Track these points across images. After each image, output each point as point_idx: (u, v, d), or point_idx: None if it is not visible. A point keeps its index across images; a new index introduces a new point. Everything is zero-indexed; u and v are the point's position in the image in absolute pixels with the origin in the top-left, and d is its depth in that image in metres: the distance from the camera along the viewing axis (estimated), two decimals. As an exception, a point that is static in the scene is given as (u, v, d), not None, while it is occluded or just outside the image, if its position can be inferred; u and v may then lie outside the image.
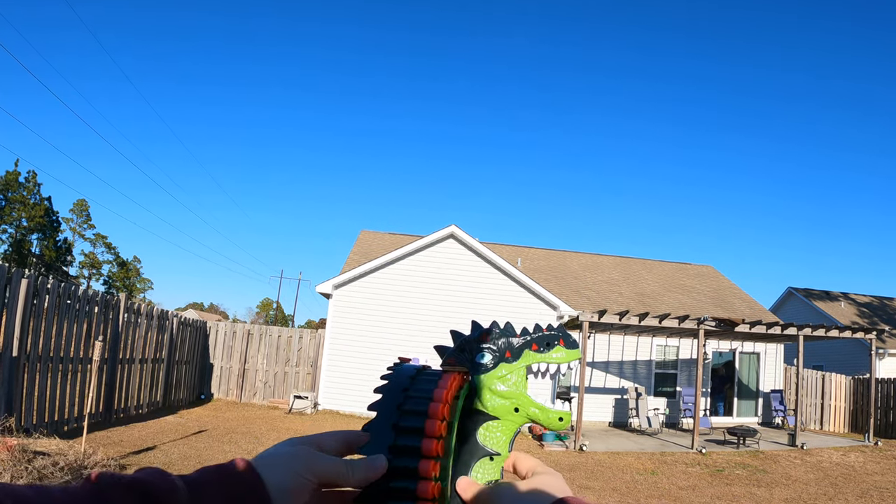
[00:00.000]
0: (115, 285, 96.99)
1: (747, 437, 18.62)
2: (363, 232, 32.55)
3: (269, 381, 21.92)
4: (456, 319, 21.61)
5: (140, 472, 0.72)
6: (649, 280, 31.38)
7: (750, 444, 18.67)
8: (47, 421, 11.75)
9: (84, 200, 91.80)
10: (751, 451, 17.94)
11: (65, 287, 12.54)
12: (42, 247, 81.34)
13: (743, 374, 26.82)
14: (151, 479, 0.70)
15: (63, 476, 8.01)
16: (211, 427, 15.38)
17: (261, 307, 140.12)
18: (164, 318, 17.78)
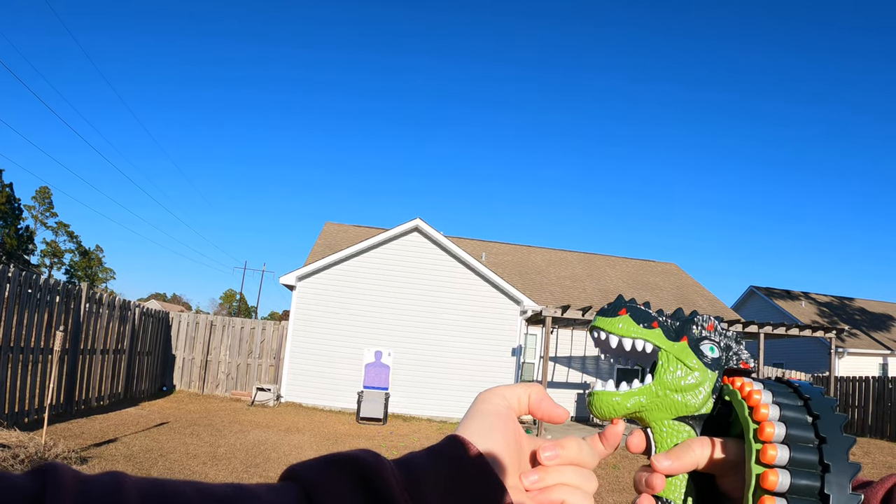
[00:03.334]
0: (77, 275, 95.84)
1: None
2: (328, 224, 32.51)
3: (232, 373, 21.87)
4: (420, 312, 21.71)
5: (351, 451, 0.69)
6: (613, 276, 31.69)
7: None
8: (7, 412, 11.66)
9: (47, 188, 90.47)
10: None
11: (26, 276, 12.44)
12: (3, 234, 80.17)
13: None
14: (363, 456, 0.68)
15: (23, 469, 8.00)
16: (173, 419, 15.35)
17: (224, 298, 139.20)
18: (126, 308, 17.66)
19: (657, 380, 0.93)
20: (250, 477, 10.19)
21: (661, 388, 0.92)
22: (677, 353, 0.95)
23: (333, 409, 20.83)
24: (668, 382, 0.93)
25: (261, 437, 14.15)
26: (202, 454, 11.51)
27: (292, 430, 15.80)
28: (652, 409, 0.93)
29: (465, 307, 21.90)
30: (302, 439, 14.49)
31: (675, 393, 0.92)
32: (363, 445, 14.53)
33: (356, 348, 21.42)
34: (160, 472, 9.70)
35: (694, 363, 0.94)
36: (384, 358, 21.24)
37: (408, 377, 21.22)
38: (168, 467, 10.10)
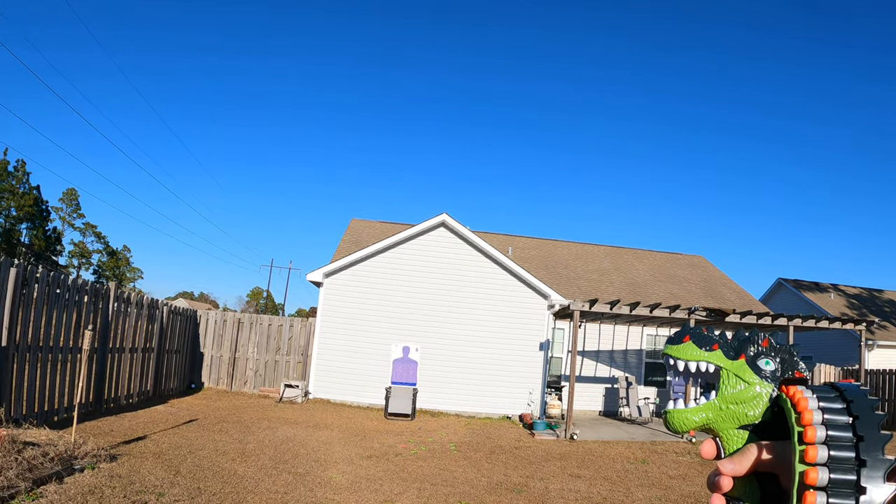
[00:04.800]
0: (105, 274, 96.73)
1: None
2: (354, 220, 32.49)
3: (260, 370, 21.92)
4: (447, 307, 21.64)
5: None
6: (640, 270, 31.42)
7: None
8: (37, 411, 11.73)
9: (74, 189, 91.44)
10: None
11: (54, 276, 12.50)
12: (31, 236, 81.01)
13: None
14: None
15: (53, 466, 8.01)
16: (202, 416, 15.39)
17: (251, 296, 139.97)
18: (154, 307, 17.74)
19: (719, 395, 1.09)
20: (279, 473, 10.17)
21: (724, 402, 1.08)
22: (735, 370, 1.11)
23: (361, 405, 20.81)
24: (729, 396, 1.08)
25: (289, 433, 14.15)
26: (231, 451, 11.51)
27: (321, 426, 15.79)
28: (718, 420, 1.08)
29: (493, 302, 21.78)
30: (330, 435, 14.47)
31: (735, 405, 1.08)
32: (391, 441, 14.50)
33: (384, 344, 21.39)
34: (189, 468, 9.70)
35: (750, 377, 1.09)
36: (412, 353, 21.21)
37: (435, 372, 21.15)
38: (197, 464, 10.10)
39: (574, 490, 11.05)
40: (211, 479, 9.27)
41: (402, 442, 14.57)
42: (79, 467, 8.43)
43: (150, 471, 9.20)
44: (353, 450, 12.96)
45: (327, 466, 11.11)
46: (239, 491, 8.91)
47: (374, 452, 12.90)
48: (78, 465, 8.46)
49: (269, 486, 9.32)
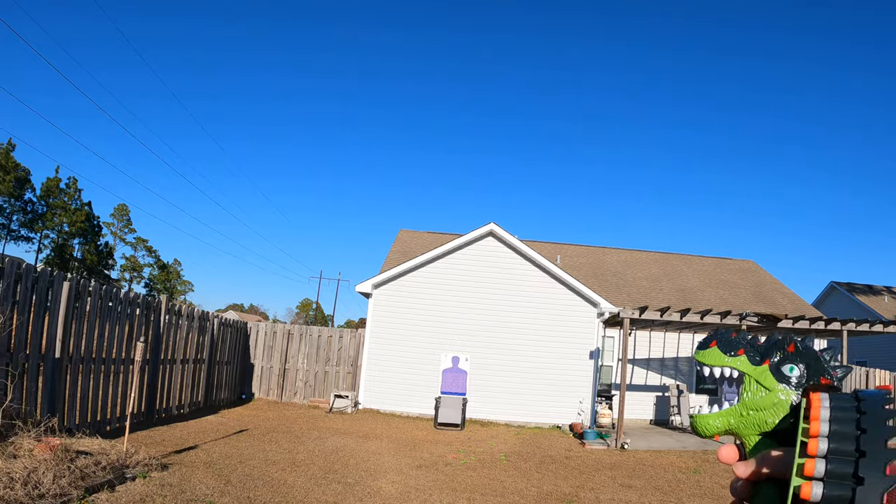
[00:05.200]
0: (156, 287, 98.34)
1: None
2: (402, 231, 32.58)
3: (310, 381, 22.00)
4: (496, 317, 21.54)
5: None
6: (690, 276, 31.01)
7: (795, 442, 18.35)
8: (90, 421, 11.87)
9: (125, 205, 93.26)
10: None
11: (106, 289, 12.66)
12: (84, 251, 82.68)
13: (786, 371, 26.31)
14: None
15: (105, 475, 8.07)
16: (252, 426, 15.47)
17: (300, 307, 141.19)
18: (204, 319, 17.90)
19: (741, 401, 1.14)
20: (329, 483, 10.15)
21: (744, 409, 1.13)
22: (757, 376, 1.14)
23: (411, 415, 20.78)
24: (749, 402, 1.12)
25: (339, 443, 14.15)
26: (281, 461, 11.53)
27: (370, 436, 15.78)
28: (740, 426, 1.12)
29: (542, 310, 21.63)
30: (380, 445, 14.45)
31: (756, 412, 1.11)
32: (441, 451, 14.43)
33: (433, 354, 21.35)
34: (240, 478, 9.72)
35: (772, 384, 1.12)
36: (461, 363, 21.14)
37: (485, 382, 21.04)
38: (247, 473, 10.12)
39: (625, 500, 10.87)
40: (261, 489, 9.28)
41: (452, 452, 14.49)
42: (130, 476, 8.49)
43: (200, 480, 9.24)
44: (402, 460, 12.91)
45: (377, 476, 11.07)
46: (289, 501, 8.90)
47: (424, 462, 12.84)
48: (130, 474, 8.52)
49: (318, 496, 9.30)
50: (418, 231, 33.09)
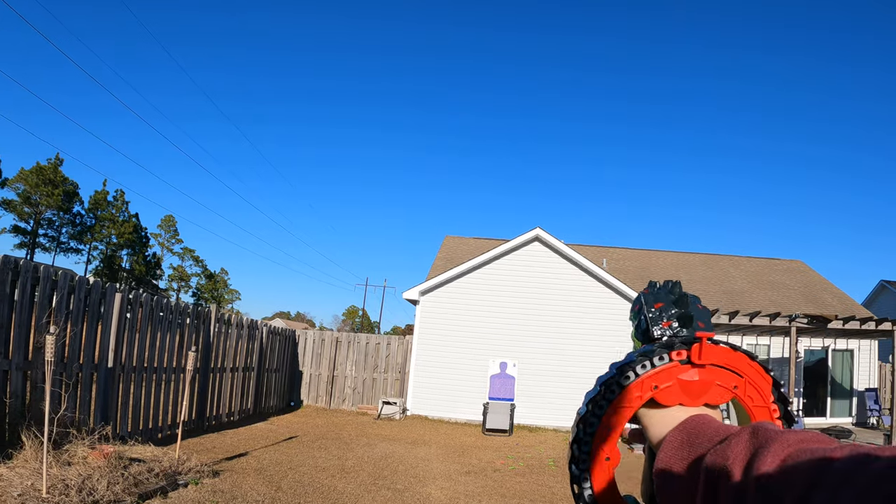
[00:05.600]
0: (204, 297, 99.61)
1: (842, 439, 17.94)
2: (447, 237, 32.64)
3: (358, 388, 22.09)
4: (543, 322, 21.44)
5: None
6: (737, 277, 30.61)
7: (845, 446, 17.99)
8: (142, 429, 12.03)
9: (171, 216, 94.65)
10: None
11: (157, 300, 12.84)
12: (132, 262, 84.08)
13: (836, 373, 25.79)
14: None
15: (158, 482, 8.17)
16: (301, 433, 15.56)
17: (346, 314, 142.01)
18: (253, 327, 18.07)
19: None
20: (378, 489, 10.17)
21: None
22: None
23: (459, 420, 20.76)
24: None
25: (388, 449, 14.17)
26: (331, 467, 11.57)
27: (419, 442, 15.78)
28: None
29: (589, 315, 21.48)
30: (429, 451, 14.44)
31: None
32: (490, 457, 14.39)
33: (480, 360, 21.32)
34: (290, 484, 9.78)
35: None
36: (509, 369, 21.08)
37: (532, 387, 20.95)
38: (298, 480, 10.18)
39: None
40: (311, 495, 9.32)
41: (500, 457, 14.44)
42: (182, 483, 8.58)
43: (251, 486, 9.31)
44: (451, 465, 12.90)
45: (426, 482, 11.06)
46: (338, 506, 8.94)
47: (473, 468, 12.81)
48: (182, 481, 8.62)
49: (368, 502, 9.32)
50: (464, 237, 33.13)
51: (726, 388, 1.03)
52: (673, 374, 1.02)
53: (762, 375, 1.05)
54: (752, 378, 1.04)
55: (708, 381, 1.02)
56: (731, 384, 1.03)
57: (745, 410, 1.06)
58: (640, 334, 1.12)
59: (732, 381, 1.03)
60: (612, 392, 1.05)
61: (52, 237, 75.69)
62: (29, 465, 7.39)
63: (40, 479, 6.90)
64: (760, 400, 1.05)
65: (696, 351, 1.01)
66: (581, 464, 1.07)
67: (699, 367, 1.02)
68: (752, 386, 1.04)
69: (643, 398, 1.03)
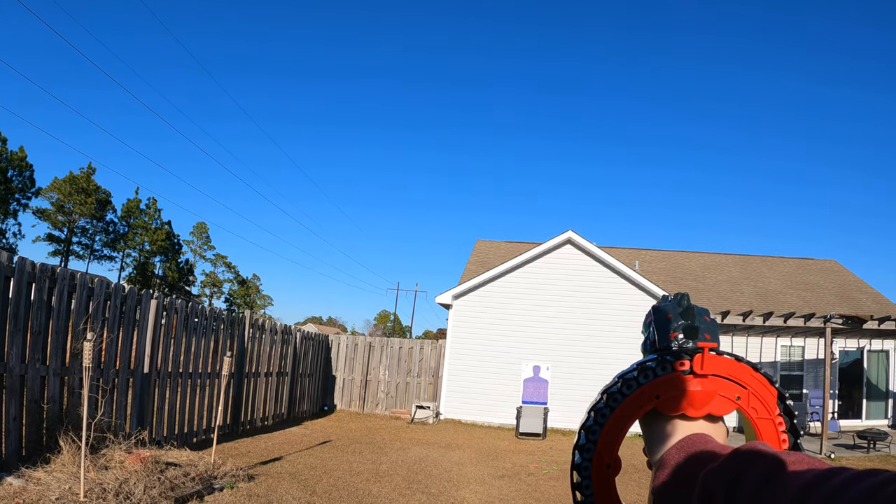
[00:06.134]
0: (236, 302, 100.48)
1: (878, 441, 17.65)
2: (479, 241, 32.63)
3: (391, 392, 22.13)
4: (575, 325, 21.35)
5: None
6: (771, 278, 30.26)
7: (881, 449, 17.68)
8: (177, 433, 12.14)
9: (203, 223, 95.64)
10: (881, 456, 17.03)
11: (191, 306, 12.95)
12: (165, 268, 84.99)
13: (872, 374, 25.38)
14: None
15: (194, 486, 8.24)
16: (335, 437, 15.61)
17: (378, 319, 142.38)
18: (287, 332, 18.17)
19: None
20: (412, 493, 10.17)
21: None
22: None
23: (492, 424, 20.73)
24: None
25: (421, 453, 14.18)
26: (365, 471, 11.60)
27: (452, 446, 15.77)
28: None
29: (621, 317, 21.34)
30: (462, 455, 14.43)
31: None
32: (523, 461, 14.35)
33: (514, 364, 21.28)
34: (324, 488, 9.81)
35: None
36: (542, 372, 21.01)
37: (566, 391, 20.85)
38: (332, 484, 10.21)
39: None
40: (346, 499, 9.34)
41: (534, 461, 14.39)
42: (218, 487, 8.65)
43: (286, 490, 9.35)
44: (484, 469, 12.87)
45: (460, 486, 11.05)
46: (372, 510, 8.96)
47: (506, 472, 12.77)
48: (217, 485, 8.68)
49: (402, 506, 9.33)
50: (495, 241, 33.10)
51: (729, 399, 1.05)
52: (675, 384, 1.04)
53: (766, 387, 1.06)
54: (756, 389, 1.06)
55: (710, 392, 1.04)
56: (733, 395, 1.05)
57: (749, 422, 1.07)
58: (648, 346, 1.14)
59: (735, 391, 1.05)
60: (615, 401, 1.10)
61: (85, 245, 76.78)
62: (66, 470, 7.48)
63: (78, 483, 6.98)
64: (765, 411, 1.07)
65: (698, 361, 1.03)
66: (583, 471, 1.12)
67: (701, 377, 1.04)
68: (756, 397, 1.06)
69: (645, 408, 1.07)
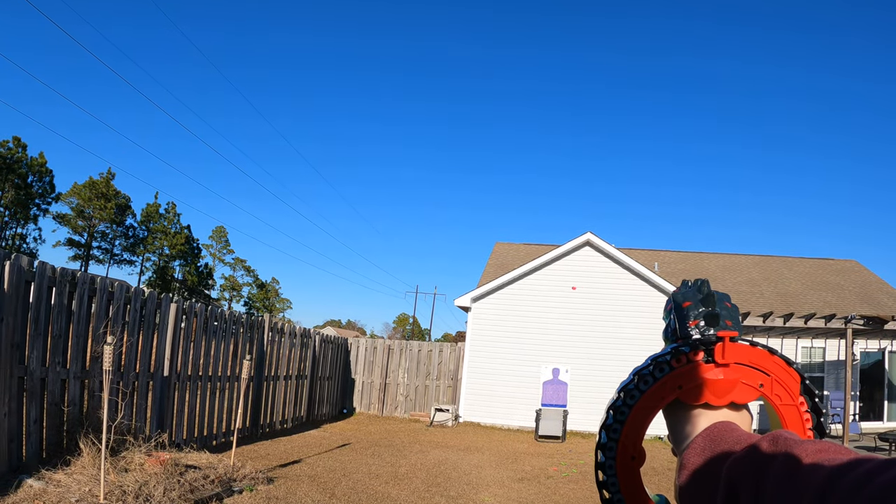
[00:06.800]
0: (256, 306, 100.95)
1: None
2: (498, 244, 32.63)
3: (410, 395, 22.14)
4: (595, 327, 21.28)
5: None
6: (791, 279, 30.06)
7: (902, 451, 17.57)
8: (196, 436, 12.19)
9: (222, 227, 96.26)
10: (909, 458, 16.88)
11: (211, 310, 13.01)
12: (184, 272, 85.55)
13: (893, 376, 25.09)
14: None
15: (213, 488, 8.26)
16: (354, 440, 15.63)
17: (397, 322, 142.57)
18: (306, 336, 18.22)
19: None
20: (431, 496, 10.16)
21: None
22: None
23: (511, 427, 20.69)
24: None
25: (441, 456, 14.16)
26: (384, 474, 11.60)
27: (472, 449, 15.75)
28: None
29: (640, 319, 21.23)
30: (482, 458, 14.40)
31: None
32: (543, 464, 14.30)
33: (533, 366, 21.23)
34: (344, 491, 9.81)
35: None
36: (562, 375, 20.96)
37: (585, 393, 20.77)
38: (351, 486, 10.21)
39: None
40: (365, 502, 9.34)
41: (553, 464, 14.35)
42: (237, 489, 8.67)
43: (305, 493, 9.36)
44: (504, 472, 12.84)
45: (479, 489, 11.03)
46: (391, 513, 8.95)
47: (526, 475, 12.74)
48: (237, 487, 8.70)
49: (421, 508, 9.33)
50: (514, 243, 33.10)
51: (752, 387, 1.04)
52: (697, 373, 1.03)
53: (789, 372, 1.07)
54: (779, 375, 1.06)
55: (733, 380, 1.03)
56: (756, 382, 1.05)
57: (773, 409, 1.07)
58: (669, 333, 1.13)
59: (758, 378, 1.05)
60: (633, 397, 1.08)
61: (105, 249, 77.44)
62: (87, 472, 7.52)
63: (98, 485, 7.02)
64: (788, 398, 1.07)
65: (719, 350, 1.03)
66: (608, 469, 1.10)
67: (723, 366, 1.03)
68: (779, 384, 1.06)
69: (667, 399, 1.05)
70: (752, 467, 0.77)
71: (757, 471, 0.75)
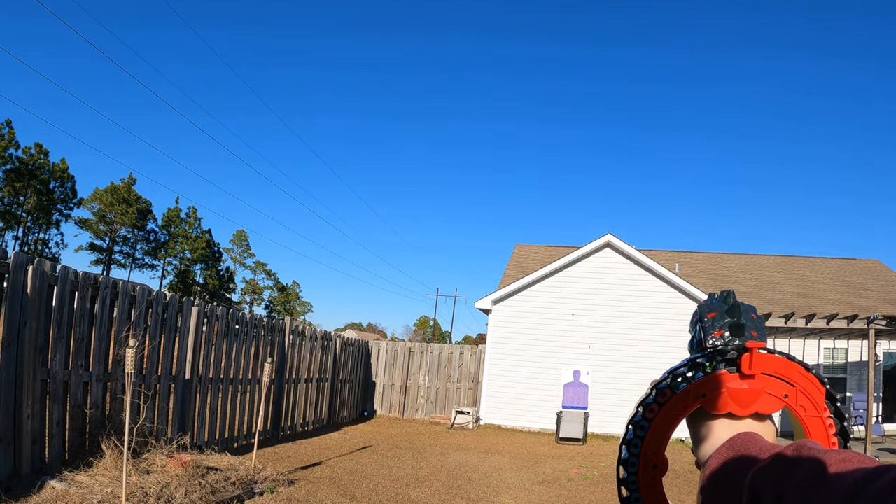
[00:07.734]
0: (276, 309, 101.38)
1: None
2: (518, 246, 32.61)
3: (431, 398, 22.15)
4: (615, 329, 21.21)
5: None
6: (812, 279, 29.83)
7: (926, 453, 17.41)
8: (218, 438, 12.25)
9: (243, 231, 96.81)
10: (939, 460, 16.73)
11: (232, 313, 13.08)
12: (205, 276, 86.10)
13: (916, 377, 24.96)
14: None
15: (234, 490, 8.30)
16: (375, 443, 15.65)
17: (418, 325, 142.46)
18: (327, 339, 18.28)
19: None
20: (452, 498, 10.16)
21: None
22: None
23: (532, 430, 20.65)
24: None
25: (461, 459, 14.16)
26: (405, 476, 11.61)
27: (492, 451, 15.74)
28: None
29: (661, 320, 21.14)
30: (502, 461, 14.39)
31: None
32: (563, 466, 14.27)
33: (553, 368, 21.18)
34: (364, 493, 9.84)
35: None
36: (582, 377, 20.90)
37: (606, 395, 20.70)
38: (372, 489, 10.23)
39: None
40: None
41: (574, 467, 14.31)
42: (258, 491, 8.71)
43: (326, 495, 9.39)
44: (524, 475, 12.82)
45: (500, 492, 11.02)
46: (411, 515, 8.96)
47: (546, 478, 12.71)
48: (258, 489, 8.74)
49: (441, 511, 9.33)
50: (534, 245, 33.06)
51: (776, 398, 1.04)
52: (722, 382, 1.04)
53: (815, 385, 1.06)
54: (804, 387, 1.05)
55: (757, 390, 1.03)
56: (781, 393, 1.04)
57: (797, 419, 1.07)
58: (695, 345, 1.14)
59: (783, 389, 1.05)
60: (665, 396, 1.09)
61: (127, 254, 78.16)
62: (109, 474, 7.58)
63: (119, 487, 7.08)
64: (813, 409, 1.06)
65: (745, 361, 1.03)
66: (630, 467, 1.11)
67: (748, 376, 1.03)
68: (804, 395, 1.06)
69: (691, 407, 1.06)
70: (776, 476, 0.77)
71: (781, 480, 0.76)
